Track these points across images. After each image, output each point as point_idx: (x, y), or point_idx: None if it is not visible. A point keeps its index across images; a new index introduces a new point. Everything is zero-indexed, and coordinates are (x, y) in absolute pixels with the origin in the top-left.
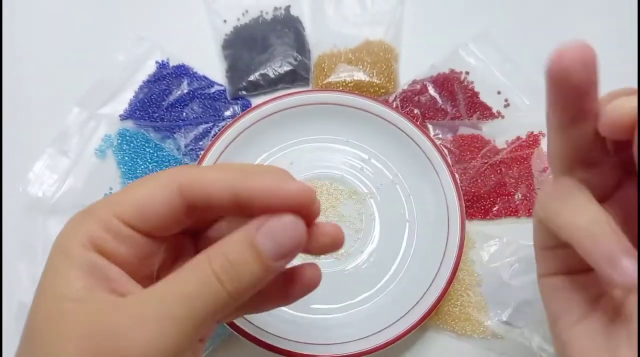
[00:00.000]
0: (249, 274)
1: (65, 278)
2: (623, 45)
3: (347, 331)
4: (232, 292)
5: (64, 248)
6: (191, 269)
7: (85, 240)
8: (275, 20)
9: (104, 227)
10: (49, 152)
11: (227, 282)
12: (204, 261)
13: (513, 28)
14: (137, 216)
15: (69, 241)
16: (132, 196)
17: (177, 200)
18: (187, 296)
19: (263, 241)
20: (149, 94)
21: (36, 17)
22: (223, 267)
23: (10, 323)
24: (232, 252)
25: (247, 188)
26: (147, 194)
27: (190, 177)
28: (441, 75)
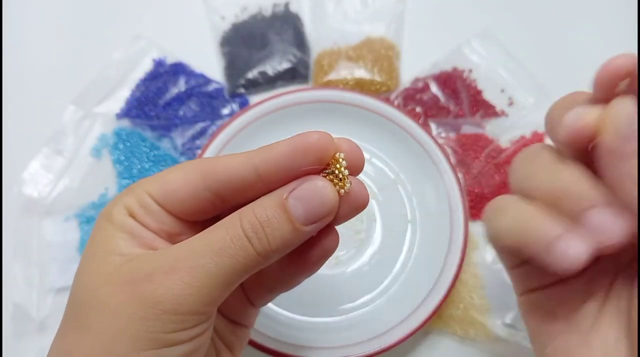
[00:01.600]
0: (279, 236)
1: (111, 237)
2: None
3: (348, 334)
4: (261, 252)
5: (107, 214)
6: (222, 225)
7: (123, 209)
8: (274, 17)
9: (138, 201)
10: (44, 151)
11: (256, 241)
12: (235, 218)
13: (516, 25)
14: (162, 194)
15: (112, 210)
16: (162, 178)
17: (200, 184)
18: (217, 250)
19: (294, 203)
20: (146, 92)
21: (32, 15)
22: (253, 226)
23: (7, 324)
24: (263, 212)
25: (263, 159)
26: (174, 177)
27: (214, 164)
28: (444, 73)
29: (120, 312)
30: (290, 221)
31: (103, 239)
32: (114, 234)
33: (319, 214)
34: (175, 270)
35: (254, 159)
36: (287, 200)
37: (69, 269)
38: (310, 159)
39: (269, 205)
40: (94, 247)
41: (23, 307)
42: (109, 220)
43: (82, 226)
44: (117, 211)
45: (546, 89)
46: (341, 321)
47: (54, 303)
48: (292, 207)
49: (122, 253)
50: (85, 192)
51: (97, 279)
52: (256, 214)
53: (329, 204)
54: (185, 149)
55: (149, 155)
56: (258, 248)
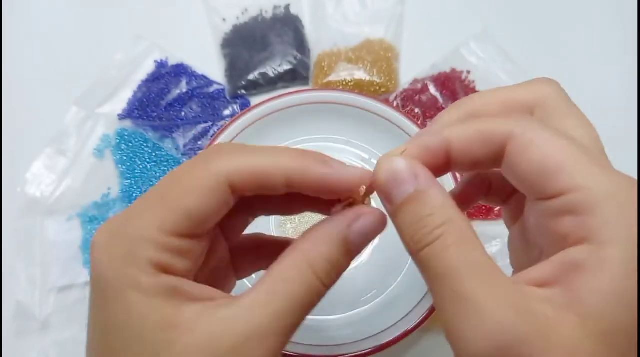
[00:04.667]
0: (342, 269)
1: (151, 310)
2: (623, 45)
3: (347, 332)
4: (329, 287)
5: (130, 282)
6: (296, 276)
7: (148, 267)
8: (275, 18)
9: (161, 248)
10: (47, 152)
11: (327, 281)
12: (304, 266)
13: (514, 27)
14: (192, 226)
15: (131, 273)
16: (181, 207)
17: (229, 197)
18: (300, 304)
19: (357, 238)
20: (148, 93)
21: (34, 17)
22: (325, 271)
23: (9, 323)
24: (332, 255)
25: (303, 177)
26: (199, 202)
27: (241, 166)
28: (442, 74)
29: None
30: (351, 253)
31: (140, 315)
32: (150, 303)
33: (371, 240)
34: (266, 339)
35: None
36: (350, 236)
37: (71, 268)
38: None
39: (336, 246)
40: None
41: (25, 306)
42: (137, 288)
43: (85, 226)
44: (141, 273)
45: None
46: (340, 319)
47: (56, 302)
48: (353, 243)
49: (174, 323)
50: (88, 193)
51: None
52: (327, 259)
53: (380, 231)
54: (187, 150)
55: (151, 155)
56: (328, 286)
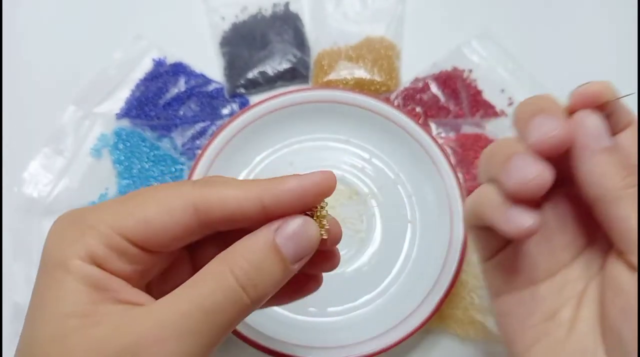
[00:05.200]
0: (271, 278)
1: (69, 293)
2: (623, 45)
3: (348, 334)
4: (255, 299)
5: (60, 261)
6: (210, 277)
7: (83, 254)
8: (274, 17)
9: (106, 244)
10: (45, 151)
11: (250, 289)
12: (223, 267)
13: (516, 26)
14: (146, 236)
15: (65, 254)
16: (140, 214)
17: (193, 222)
18: (210, 308)
19: (284, 243)
20: (146, 92)
21: (32, 15)
22: (247, 274)
23: (7, 324)
24: (255, 257)
25: (274, 196)
26: (159, 214)
27: (209, 198)
28: (444, 73)
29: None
30: (282, 261)
31: (58, 294)
32: (73, 286)
33: (306, 251)
34: (162, 341)
35: (261, 194)
36: (277, 240)
37: None
38: (317, 198)
39: (259, 248)
40: (45, 304)
41: (23, 308)
42: (65, 269)
43: None
44: (75, 256)
45: (546, 89)
46: (341, 321)
47: None
48: (282, 247)
49: (86, 313)
50: (86, 192)
51: (57, 349)
52: (248, 260)
53: (314, 241)
54: (185, 149)
55: (149, 155)
56: (252, 296)
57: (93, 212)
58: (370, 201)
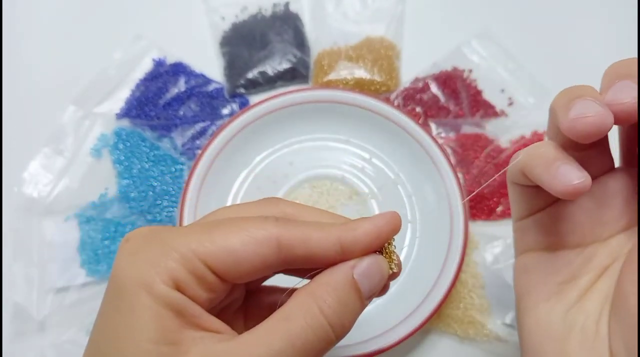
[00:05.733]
0: (353, 314)
1: (154, 318)
2: (623, 45)
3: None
4: (339, 336)
5: (144, 284)
6: (299, 316)
7: (166, 277)
8: (274, 17)
9: (188, 269)
10: (44, 151)
11: (338, 327)
12: (311, 305)
13: (516, 25)
14: (227, 265)
15: (148, 276)
16: (223, 242)
17: (274, 257)
18: (301, 347)
19: (362, 280)
20: (146, 92)
21: (32, 15)
22: (335, 311)
23: (7, 324)
24: (340, 294)
25: (353, 239)
26: (242, 244)
27: (292, 235)
28: (444, 73)
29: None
30: (361, 298)
31: (142, 318)
32: (158, 312)
33: (379, 287)
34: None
35: (341, 237)
36: (355, 277)
37: (69, 268)
38: (388, 238)
39: (342, 284)
40: (127, 328)
41: (23, 307)
42: (148, 291)
43: (82, 226)
44: (159, 280)
45: (546, 89)
46: None
47: (54, 303)
48: (360, 285)
49: (174, 341)
50: (85, 192)
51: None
52: (334, 297)
53: (385, 276)
54: (185, 149)
55: (149, 155)
56: (338, 333)
57: (174, 234)
58: (370, 201)
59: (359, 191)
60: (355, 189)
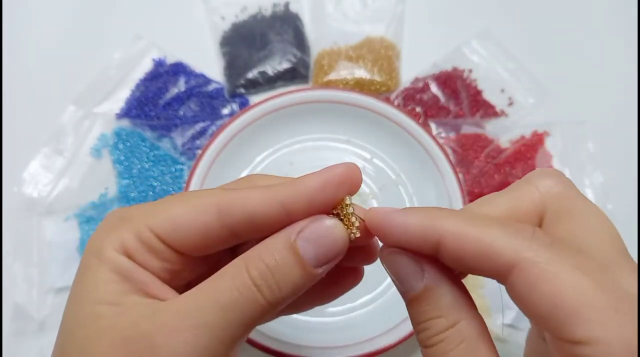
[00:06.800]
0: (290, 281)
1: (100, 281)
2: (623, 45)
3: (348, 334)
4: (272, 301)
5: (97, 251)
6: (227, 276)
7: (117, 245)
8: (274, 17)
9: (137, 237)
10: (44, 151)
11: (266, 290)
12: (240, 267)
13: (516, 26)
14: (170, 233)
15: (102, 244)
16: (168, 212)
17: (215, 222)
18: (224, 305)
19: (304, 245)
20: (146, 92)
21: (32, 16)
22: (262, 274)
23: (7, 324)
24: (271, 257)
25: (292, 195)
26: (183, 212)
27: (231, 198)
28: (444, 73)
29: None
30: (301, 264)
31: (92, 281)
32: (105, 276)
33: (330, 255)
34: (177, 330)
35: (279, 194)
36: (297, 242)
37: (69, 268)
38: (338, 193)
39: (277, 248)
40: (81, 290)
41: (23, 307)
42: (100, 258)
43: (82, 226)
44: (110, 247)
45: (546, 89)
46: (341, 321)
47: (54, 303)
48: (302, 249)
49: (114, 302)
50: (85, 192)
51: (86, 331)
52: (264, 259)
53: (340, 244)
54: (185, 149)
55: (148, 155)
56: (268, 297)
57: (133, 208)
58: (371, 200)
59: (360, 191)
60: None
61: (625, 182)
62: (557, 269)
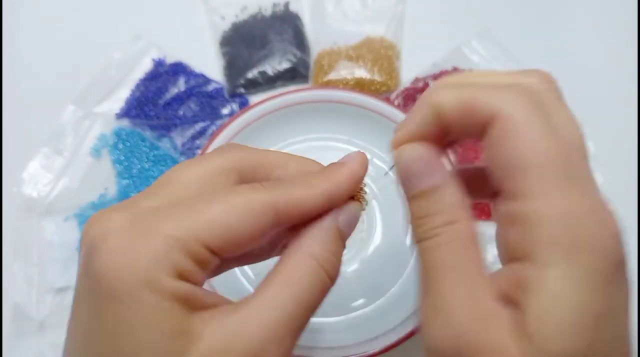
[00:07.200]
0: (340, 259)
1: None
2: (623, 45)
3: (348, 334)
4: (334, 281)
5: (149, 281)
6: (304, 274)
7: (170, 269)
8: (274, 16)
9: (189, 254)
10: (44, 151)
11: (331, 271)
12: (312, 263)
13: (516, 26)
14: (225, 243)
15: (152, 272)
16: (220, 219)
17: (271, 225)
18: (308, 303)
19: (344, 229)
20: (145, 92)
21: (32, 15)
22: (327, 260)
23: (7, 324)
24: (330, 243)
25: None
26: (241, 220)
27: (287, 200)
28: (444, 73)
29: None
30: (344, 244)
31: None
32: (166, 307)
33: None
34: (281, 342)
35: (327, 189)
36: (340, 227)
37: (68, 269)
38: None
39: (334, 239)
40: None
41: (23, 307)
42: (154, 288)
43: (82, 226)
44: (164, 274)
45: None
46: (341, 321)
47: (53, 303)
48: (343, 231)
49: (183, 331)
50: (85, 192)
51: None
52: (328, 250)
53: (358, 222)
54: (185, 149)
55: (148, 155)
56: (334, 280)
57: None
58: (371, 201)
59: None
60: None
61: (625, 182)
62: (531, 125)
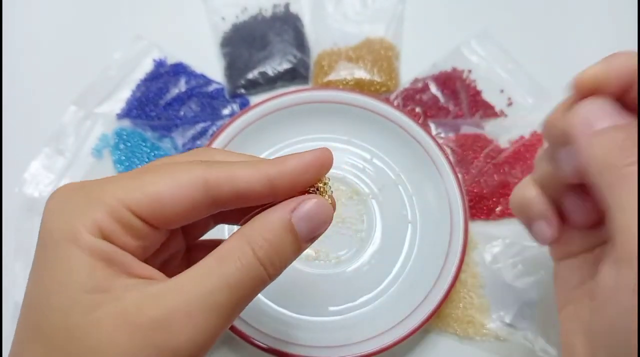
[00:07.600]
0: (287, 257)
1: (82, 267)
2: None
3: (348, 333)
4: (272, 276)
5: (70, 235)
6: (233, 256)
7: (91, 227)
8: (275, 17)
9: (114, 217)
10: (45, 151)
11: (270, 267)
12: (246, 248)
13: (515, 26)
14: (154, 212)
15: (74, 227)
16: (150, 189)
17: (202, 199)
18: (234, 285)
19: (299, 223)
20: (146, 92)
21: (33, 16)
22: (267, 253)
23: (7, 324)
24: (274, 237)
25: (280, 173)
26: (169, 189)
27: (220, 174)
28: (443, 73)
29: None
30: (297, 241)
31: (71, 268)
32: (86, 262)
33: (320, 230)
34: (191, 315)
35: (268, 172)
36: (292, 220)
37: None
38: (320, 174)
39: (277, 228)
40: (56, 278)
41: None
42: (75, 242)
43: None
44: (84, 229)
45: (545, 89)
46: (341, 320)
47: None
48: (297, 228)
49: (105, 289)
50: None
51: (84, 325)
52: (268, 240)
53: (329, 220)
54: (185, 149)
55: (149, 155)
56: (271, 273)
57: (99, 184)
58: (371, 201)
59: (359, 191)
60: (356, 189)
61: None
62: None
